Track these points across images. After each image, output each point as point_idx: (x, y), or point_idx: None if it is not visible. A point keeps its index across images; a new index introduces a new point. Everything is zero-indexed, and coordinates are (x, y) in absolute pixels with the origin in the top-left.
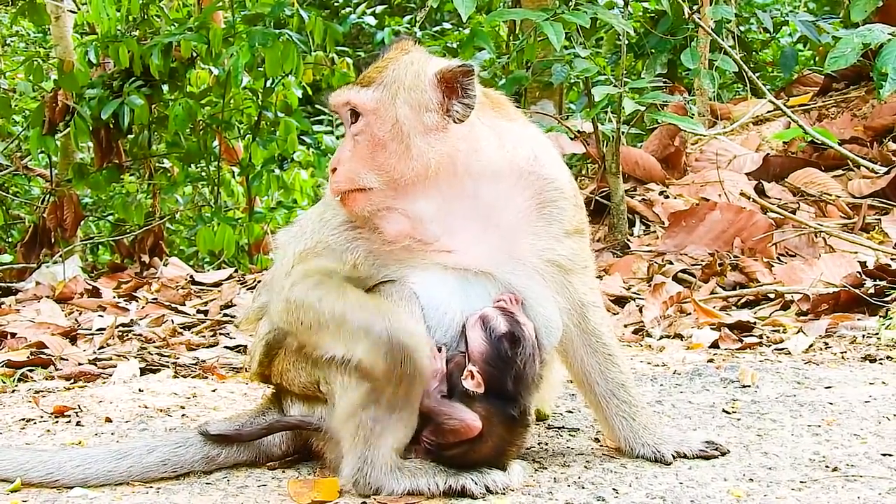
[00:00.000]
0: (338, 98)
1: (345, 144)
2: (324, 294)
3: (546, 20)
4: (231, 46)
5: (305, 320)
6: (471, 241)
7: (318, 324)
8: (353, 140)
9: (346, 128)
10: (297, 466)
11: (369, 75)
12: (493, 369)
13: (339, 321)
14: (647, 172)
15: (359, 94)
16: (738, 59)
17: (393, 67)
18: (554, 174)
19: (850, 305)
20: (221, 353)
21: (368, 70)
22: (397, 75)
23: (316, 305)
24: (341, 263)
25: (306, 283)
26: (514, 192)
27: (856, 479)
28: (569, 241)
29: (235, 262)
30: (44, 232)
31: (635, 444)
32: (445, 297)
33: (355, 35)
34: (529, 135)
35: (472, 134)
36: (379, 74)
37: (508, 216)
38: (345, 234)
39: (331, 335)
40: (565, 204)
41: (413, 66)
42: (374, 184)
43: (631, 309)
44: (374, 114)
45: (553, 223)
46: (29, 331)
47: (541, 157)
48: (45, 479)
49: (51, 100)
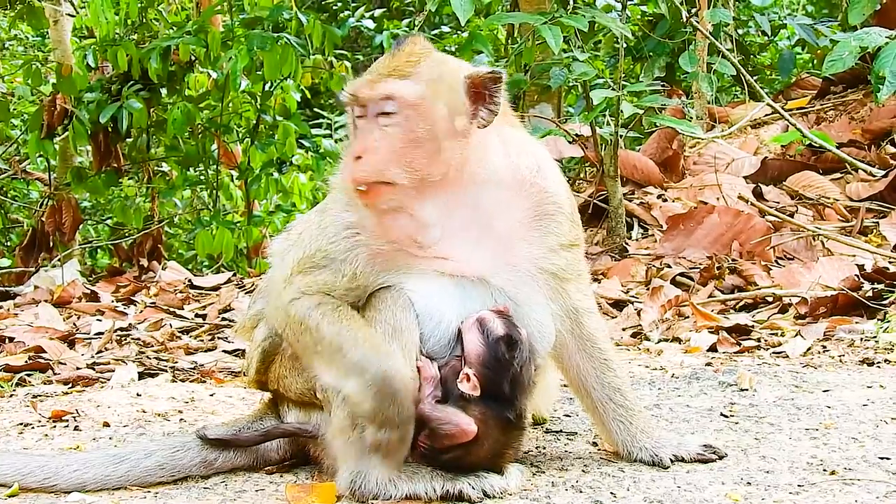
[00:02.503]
0: (378, 89)
1: (369, 134)
2: (324, 319)
3: (544, 24)
4: (230, 50)
5: (303, 340)
6: (468, 247)
7: (315, 348)
8: (383, 131)
9: (367, 117)
10: (294, 471)
11: (402, 69)
12: (489, 372)
13: (335, 352)
14: (646, 176)
15: (403, 87)
16: (736, 62)
17: (427, 64)
18: (555, 188)
19: (848, 309)
20: (220, 357)
21: (395, 62)
22: (435, 73)
23: (315, 330)
24: (340, 276)
25: (307, 301)
26: (515, 201)
27: (853, 483)
28: (564, 253)
29: (234, 265)
30: (42, 236)
31: (633, 448)
32: (441, 304)
33: (354, 38)
34: (532, 144)
35: (484, 141)
36: (413, 69)
37: (506, 225)
38: (344, 241)
39: (325, 362)
40: (562, 219)
41: (446, 67)
42: (401, 180)
43: (629, 312)
44: (414, 109)
45: (549, 235)
46: (27, 335)
47: (543, 168)
48: (42, 483)
49: (49, 103)
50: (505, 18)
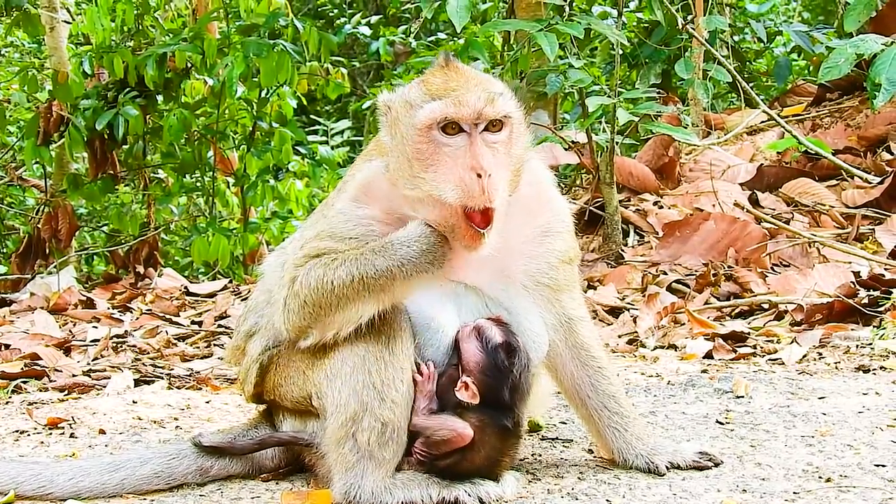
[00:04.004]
0: (493, 110)
1: (484, 151)
2: (328, 267)
3: (540, 31)
4: (226, 57)
5: (324, 301)
6: (473, 259)
7: (339, 297)
8: (493, 149)
9: (471, 131)
10: (290, 478)
11: (493, 86)
12: (489, 379)
13: (360, 281)
14: (642, 183)
15: (513, 105)
16: (732, 69)
17: (498, 83)
18: (561, 206)
19: (843, 315)
20: (216, 365)
21: (481, 79)
22: (509, 92)
23: (328, 280)
24: (344, 244)
25: (305, 269)
26: (526, 221)
27: (849, 490)
28: (562, 267)
29: (230, 272)
30: (38, 243)
31: (629, 455)
32: (437, 313)
33: (350, 45)
34: (537, 161)
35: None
36: (501, 88)
37: (512, 242)
38: (357, 228)
39: (355, 299)
40: (567, 237)
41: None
42: (504, 200)
43: (625, 319)
44: (518, 126)
45: (552, 252)
46: (23, 342)
47: (550, 186)
48: (38, 491)
49: (45, 110)
50: (501, 25)
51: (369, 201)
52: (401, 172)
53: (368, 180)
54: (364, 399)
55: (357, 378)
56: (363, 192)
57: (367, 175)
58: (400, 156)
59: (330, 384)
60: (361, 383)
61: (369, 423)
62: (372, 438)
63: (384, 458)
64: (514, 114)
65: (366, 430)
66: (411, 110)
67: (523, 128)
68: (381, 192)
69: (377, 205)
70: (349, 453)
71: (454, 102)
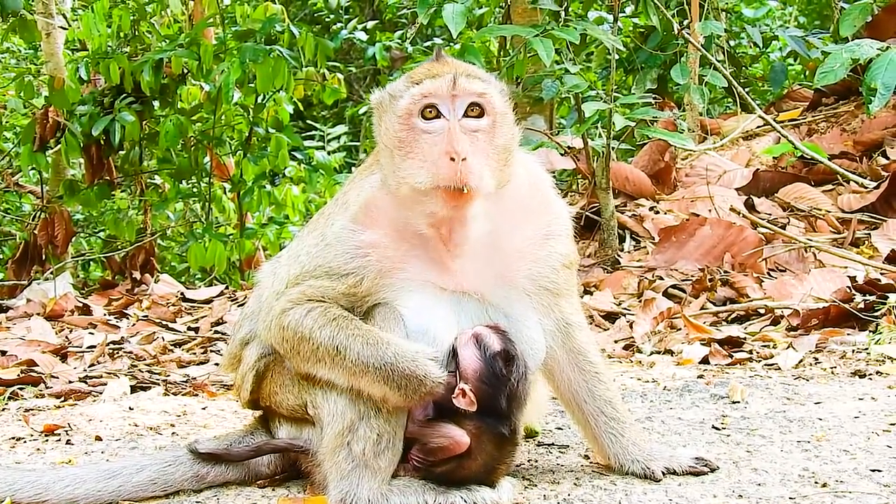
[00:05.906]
0: (470, 86)
1: (460, 136)
2: (316, 322)
3: (536, 36)
4: (222, 62)
5: (302, 350)
6: (473, 262)
7: (315, 355)
8: (472, 135)
9: (449, 116)
10: (286, 485)
11: (477, 73)
12: (487, 387)
13: (336, 353)
14: (638, 188)
15: (496, 92)
16: (728, 74)
17: (488, 76)
18: (561, 209)
19: (839, 320)
20: (212, 371)
21: (466, 67)
22: (498, 83)
23: (311, 335)
24: (340, 284)
25: (298, 310)
26: (527, 221)
27: (845, 495)
28: (563, 271)
29: (227, 278)
30: (34, 249)
31: (625, 460)
32: (435, 320)
33: (346, 50)
34: (536, 163)
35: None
36: (486, 76)
37: (515, 243)
38: (352, 260)
39: (329, 367)
40: (567, 240)
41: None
42: (484, 187)
43: (621, 324)
44: (501, 116)
45: (553, 255)
46: (19, 348)
47: (550, 188)
48: (34, 498)
49: (42, 116)
50: (497, 31)
51: (370, 223)
52: (388, 169)
53: (369, 199)
54: (359, 409)
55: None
56: (364, 211)
57: (369, 192)
58: (386, 150)
59: (325, 394)
60: (356, 393)
61: (364, 432)
62: (367, 448)
63: (379, 467)
64: (496, 100)
65: (361, 439)
66: (394, 101)
67: (510, 120)
68: (383, 211)
69: (378, 225)
70: (344, 462)
71: (430, 80)
